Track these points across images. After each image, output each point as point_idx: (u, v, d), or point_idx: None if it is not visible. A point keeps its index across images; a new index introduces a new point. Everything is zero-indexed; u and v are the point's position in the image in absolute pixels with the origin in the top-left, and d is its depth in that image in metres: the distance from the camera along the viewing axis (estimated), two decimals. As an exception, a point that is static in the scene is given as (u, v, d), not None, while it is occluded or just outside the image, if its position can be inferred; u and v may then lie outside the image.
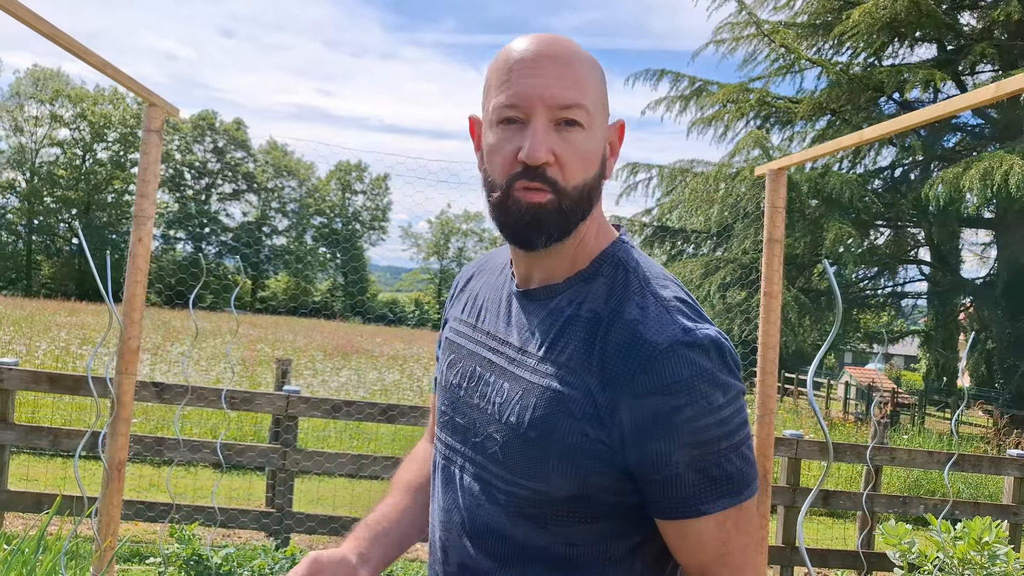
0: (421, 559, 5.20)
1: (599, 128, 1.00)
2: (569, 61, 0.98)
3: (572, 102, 0.96)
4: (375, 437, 8.80)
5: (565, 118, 0.96)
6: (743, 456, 0.93)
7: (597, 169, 1.00)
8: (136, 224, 2.48)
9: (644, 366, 0.90)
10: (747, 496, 0.94)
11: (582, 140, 0.97)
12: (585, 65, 0.99)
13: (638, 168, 21.64)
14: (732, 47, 20.14)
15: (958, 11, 18.76)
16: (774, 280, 2.65)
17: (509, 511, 0.99)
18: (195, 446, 4.66)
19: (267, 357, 15.32)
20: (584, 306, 0.99)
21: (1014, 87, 1.64)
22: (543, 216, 0.97)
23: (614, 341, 0.94)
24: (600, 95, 1.01)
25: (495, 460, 1.00)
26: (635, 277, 1.00)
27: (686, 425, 0.89)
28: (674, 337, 0.91)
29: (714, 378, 0.91)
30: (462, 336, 1.15)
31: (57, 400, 8.28)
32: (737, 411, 0.92)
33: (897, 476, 8.92)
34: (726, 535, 0.93)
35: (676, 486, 0.91)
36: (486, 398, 1.04)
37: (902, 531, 3.32)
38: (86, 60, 2.11)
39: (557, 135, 0.96)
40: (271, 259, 65.01)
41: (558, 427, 0.94)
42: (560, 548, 0.98)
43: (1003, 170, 13.87)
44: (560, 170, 0.96)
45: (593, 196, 1.00)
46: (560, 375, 0.96)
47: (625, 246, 1.05)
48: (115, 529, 2.55)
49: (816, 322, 19.12)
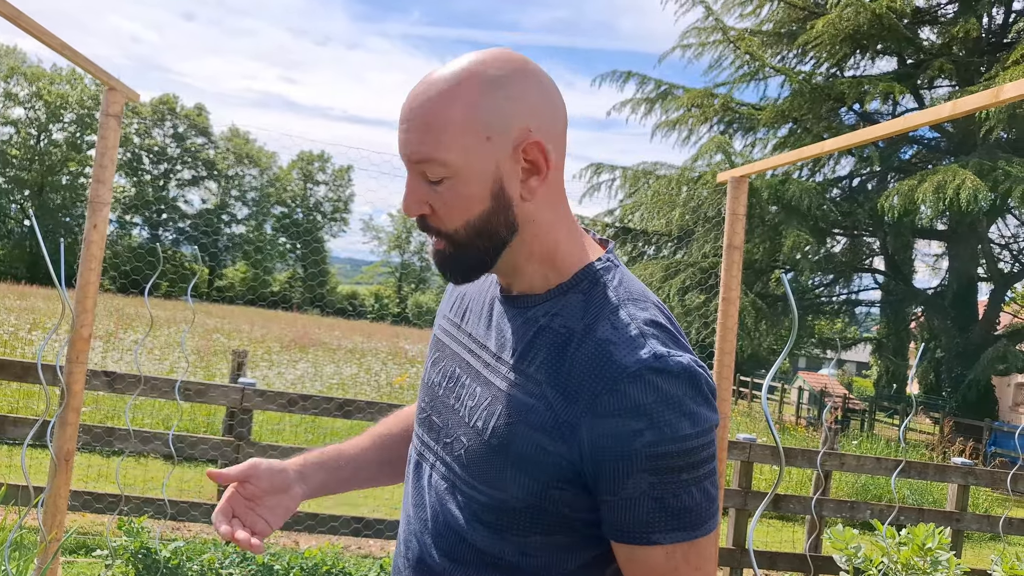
0: (373, 555, 5.17)
1: (475, 168, 0.95)
2: (428, 112, 0.94)
3: (423, 158, 0.95)
4: (331, 432, 8.73)
5: (423, 173, 0.96)
6: (704, 491, 0.90)
7: (485, 206, 0.96)
8: (91, 210, 2.43)
9: (609, 387, 0.89)
10: (704, 532, 0.91)
11: (450, 188, 0.95)
12: (448, 110, 0.94)
13: (602, 169, 21.76)
14: (698, 52, 20.35)
15: (919, 26, 19.18)
16: (732, 286, 2.68)
17: (467, 515, 0.99)
18: (146, 437, 4.57)
19: (223, 347, 15.12)
20: (558, 319, 0.98)
21: (970, 106, 1.69)
22: (443, 261, 1.01)
23: (583, 358, 0.93)
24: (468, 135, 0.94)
25: (460, 463, 1.01)
26: (613, 295, 0.98)
27: (645, 450, 0.87)
28: (643, 362, 0.89)
29: (681, 406, 0.88)
30: (447, 335, 1.16)
31: (4, 387, 8.07)
32: (705, 444, 0.90)
33: (846, 481, 9.11)
34: (673, 567, 0.91)
35: (630, 510, 0.90)
36: (460, 400, 1.05)
37: (849, 536, 3.38)
38: (45, 42, 2.06)
39: (429, 186, 0.97)
40: (230, 248, 64.03)
41: (518, 437, 0.94)
42: (514, 557, 0.98)
43: (955, 184, 14.22)
44: (438, 219, 0.98)
45: (494, 228, 0.98)
46: (527, 386, 0.96)
47: (610, 263, 1.04)
48: (61, 520, 2.50)
49: (772, 327, 19.42)
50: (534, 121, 0.96)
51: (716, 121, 20.28)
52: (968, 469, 5.73)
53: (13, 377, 4.44)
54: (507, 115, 0.95)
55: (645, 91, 20.67)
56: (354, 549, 5.34)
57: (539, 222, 1.00)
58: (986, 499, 9.82)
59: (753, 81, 19.90)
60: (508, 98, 0.95)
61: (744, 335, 17.72)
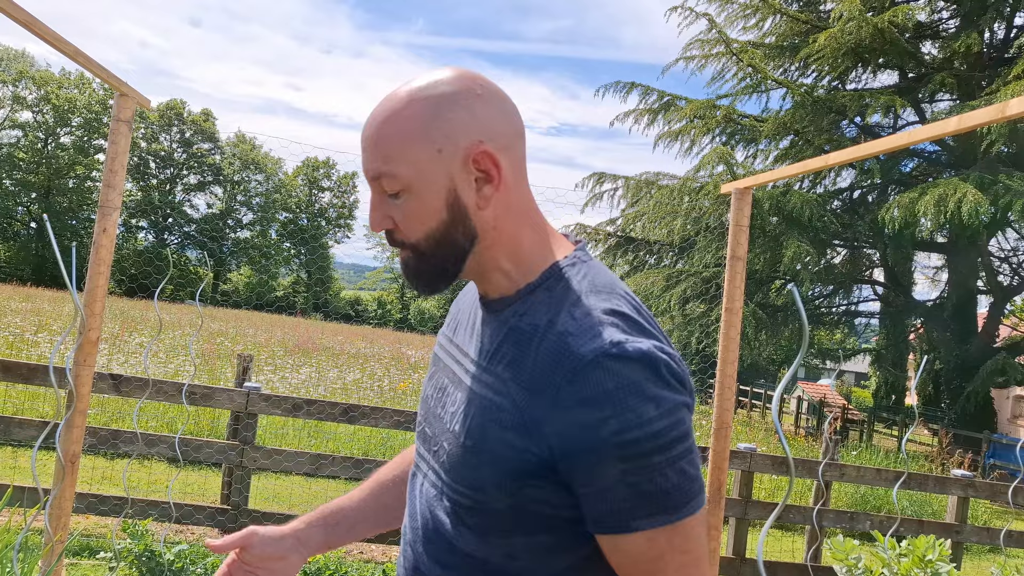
0: (375, 561, 5.19)
1: (428, 181, 0.99)
2: (381, 129, 0.99)
3: (377, 173, 1.00)
4: (334, 436, 8.74)
5: (380, 188, 1.01)
6: (681, 471, 0.89)
7: (443, 215, 1.00)
8: (101, 214, 2.45)
9: (569, 377, 0.90)
10: (686, 513, 0.90)
11: (407, 202, 1.00)
12: (399, 126, 0.98)
13: (604, 178, 21.85)
14: (701, 64, 20.44)
15: (920, 40, 19.25)
16: (735, 297, 2.70)
17: (453, 519, 1.01)
18: (152, 440, 4.59)
19: (227, 351, 15.13)
20: (525, 318, 1.00)
21: (976, 121, 1.70)
22: (408, 272, 1.05)
23: (544, 352, 0.94)
24: (419, 148, 0.98)
25: (444, 468, 1.03)
26: (576, 288, 1.00)
27: (612, 438, 0.87)
28: (600, 349, 0.89)
29: (642, 391, 0.88)
30: (442, 350, 1.19)
31: (9, 388, 8.10)
32: (673, 424, 0.89)
33: (844, 491, 9.11)
34: (658, 552, 0.90)
35: (605, 500, 0.90)
36: (444, 408, 1.07)
37: (849, 547, 3.40)
38: (58, 47, 2.10)
39: (390, 201, 1.01)
40: (234, 252, 64.06)
41: (489, 437, 0.96)
42: (500, 560, 0.98)
43: (956, 197, 14.25)
44: (401, 232, 1.02)
45: (453, 238, 1.01)
46: (495, 385, 0.98)
47: (577, 259, 1.05)
48: (66, 522, 2.52)
49: (772, 336, 19.44)
50: (485, 133, 0.99)
51: (718, 132, 20.33)
52: (968, 481, 5.75)
53: (19, 379, 4.46)
54: (456, 129, 0.98)
55: (648, 102, 20.77)
56: (356, 554, 5.35)
57: (500, 228, 1.02)
58: (985, 511, 9.82)
59: (755, 93, 19.98)
60: (456, 113, 0.98)
61: (744, 345, 17.71)
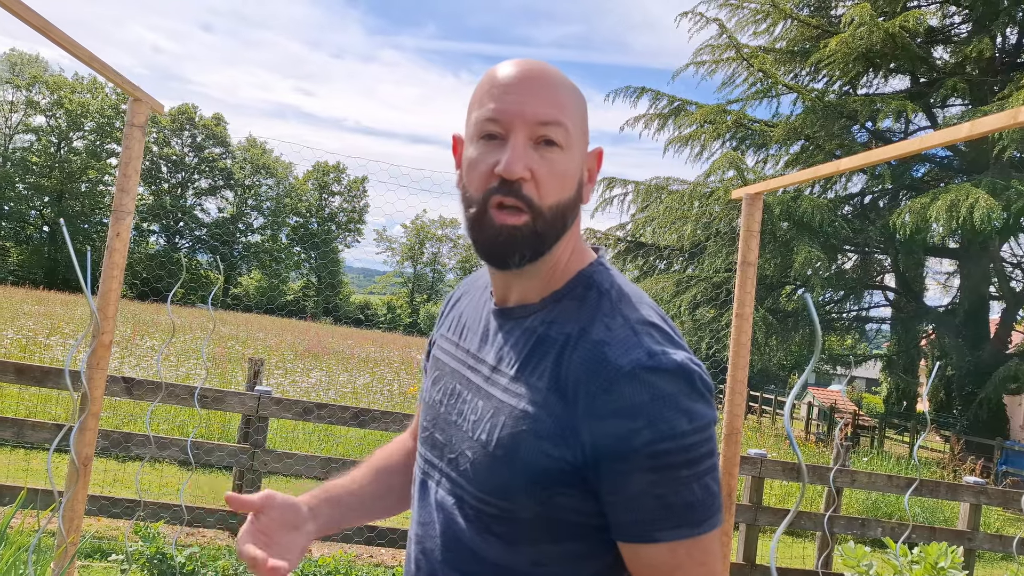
0: (385, 564, 5.20)
1: (578, 151, 1.01)
2: (551, 83, 1.00)
3: (551, 119, 0.97)
4: (344, 440, 8.76)
5: (544, 136, 0.97)
6: (705, 487, 0.90)
7: (573, 191, 1.01)
8: (115, 219, 2.46)
9: (605, 387, 0.90)
10: (707, 528, 0.91)
11: (559, 160, 0.98)
12: (567, 90, 1.01)
13: (614, 183, 21.84)
14: (712, 69, 20.43)
15: (932, 45, 19.19)
16: (747, 302, 2.69)
17: (479, 528, 1.00)
18: (164, 443, 4.61)
19: (238, 355, 15.19)
20: (555, 326, 1.00)
21: (988, 127, 1.69)
22: (517, 237, 0.97)
23: (578, 361, 0.94)
24: (580, 120, 1.02)
25: (467, 477, 1.01)
26: (607, 298, 1.00)
27: (644, 449, 0.88)
28: (637, 361, 0.90)
29: (677, 404, 0.89)
30: (447, 354, 1.17)
31: (23, 390, 8.15)
32: (704, 440, 0.90)
33: (855, 498, 9.06)
34: (677, 563, 0.91)
35: (632, 509, 0.90)
36: (462, 415, 1.05)
37: (861, 554, 3.38)
38: (73, 53, 2.11)
39: (536, 153, 0.97)
40: (245, 256, 64.33)
41: (523, 446, 0.95)
42: (527, 567, 0.98)
43: (968, 203, 14.18)
44: (536, 188, 0.97)
45: (568, 218, 1.01)
46: (527, 394, 0.97)
47: (602, 267, 1.05)
48: (78, 525, 2.53)
49: (782, 342, 19.37)
50: None
51: (728, 137, 20.32)
52: (980, 488, 5.71)
53: (32, 381, 4.48)
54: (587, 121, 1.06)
55: (658, 107, 20.77)
56: (366, 558, 5.36)
57: (572, 228, 1.04)
58: (998, 518, 9.76)
59: (766, 98, 19.97)
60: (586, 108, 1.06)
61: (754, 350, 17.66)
